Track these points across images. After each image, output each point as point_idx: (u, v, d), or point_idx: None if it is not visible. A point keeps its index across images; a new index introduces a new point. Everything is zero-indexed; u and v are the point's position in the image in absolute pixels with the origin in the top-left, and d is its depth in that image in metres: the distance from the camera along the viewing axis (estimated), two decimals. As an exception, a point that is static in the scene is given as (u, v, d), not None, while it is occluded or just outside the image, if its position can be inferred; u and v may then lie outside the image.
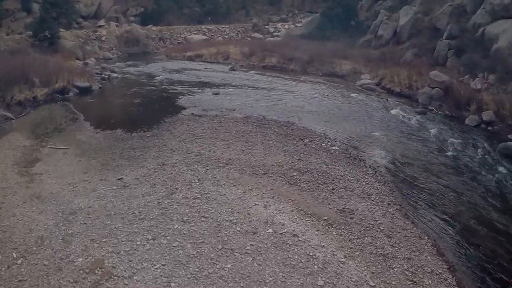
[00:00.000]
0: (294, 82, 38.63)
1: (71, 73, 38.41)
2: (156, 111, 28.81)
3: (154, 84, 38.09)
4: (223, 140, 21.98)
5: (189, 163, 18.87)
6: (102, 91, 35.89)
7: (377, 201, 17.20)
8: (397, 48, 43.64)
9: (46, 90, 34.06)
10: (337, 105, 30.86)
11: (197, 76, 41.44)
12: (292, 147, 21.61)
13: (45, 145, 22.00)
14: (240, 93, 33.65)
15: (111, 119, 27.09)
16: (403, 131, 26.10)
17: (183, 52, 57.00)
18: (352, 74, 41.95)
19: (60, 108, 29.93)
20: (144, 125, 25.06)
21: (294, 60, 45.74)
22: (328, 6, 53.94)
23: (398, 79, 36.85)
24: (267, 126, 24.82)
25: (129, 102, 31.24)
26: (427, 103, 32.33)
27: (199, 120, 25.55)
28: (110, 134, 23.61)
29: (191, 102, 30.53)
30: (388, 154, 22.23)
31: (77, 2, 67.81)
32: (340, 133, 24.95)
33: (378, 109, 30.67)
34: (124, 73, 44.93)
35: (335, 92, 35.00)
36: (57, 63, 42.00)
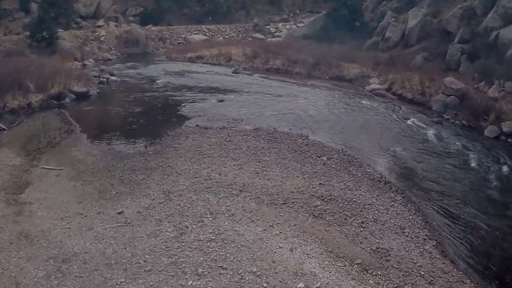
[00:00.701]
0: (301, 87, 35.94)
1: (68, 77, 35.62)
2: (158, 121, 26.05)
3: (154, 88, 35.29)
4: (234, 159, 19.26)
5: (198, 191, 16.14)
6: (100, 97, 33.13)
7: (411, 237, 14.71)
8: (406, 51, 40.97)
9: (41, 96, 31.40)
10: (349, 114, 28.25)
11: (199, 80, 38.63)
12: (310, 167, 18.93)
13: (37, 164, 19.23)
14: (245, 100, 30.92)
15: (110, 131, 24.37)
16: (423, 145, 23.52)
17: (183, 53, 54.08)
18: (360, 78, 39.33)
19: (55, 117, 27.13)
20: (146, 139, 22.44)
21: (299, 62, 42.98)
22: (333, 7, 50.98)
23: (410, 85, 34.26)
24: (280, 140, 22.12)
25: (129, 111, 28.46)
26: (442, 111, 29.79)
27: (205, 133, 22.81)
28: (108, 150, 20.89)
29: (194, 111, 27.76)
30: (412, 175, 19.77)
31: (76, 2, 64.73)
32: (358, 149, 22.35)
33: (393, 118, 28.04)
34: (123, 75, 42.08)
35: (345, 98, 32.33)
36: (54, 66, 39.19)
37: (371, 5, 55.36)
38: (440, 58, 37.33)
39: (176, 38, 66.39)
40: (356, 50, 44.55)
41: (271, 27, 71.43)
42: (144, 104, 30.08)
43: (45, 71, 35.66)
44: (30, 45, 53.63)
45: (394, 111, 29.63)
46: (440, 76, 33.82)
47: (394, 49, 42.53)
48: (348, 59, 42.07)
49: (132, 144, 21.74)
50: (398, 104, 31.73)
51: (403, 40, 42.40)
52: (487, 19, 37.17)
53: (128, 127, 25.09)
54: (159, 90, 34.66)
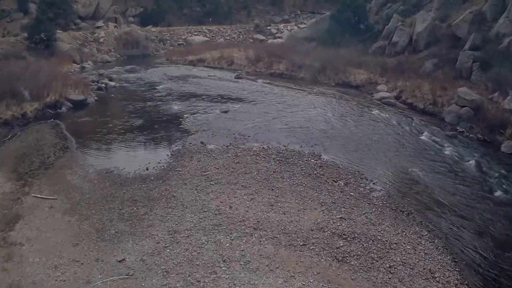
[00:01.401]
0: (307, 95, 33.96)
1: (64, 83, 33.63)
2: (159, 137, 24.07)
3: (154, 96, 33.25)
4: (245, 186, 17.29)
5: (207, 229, 14.18)
6: (97, 105, 31.14)
7: (443, 282, 12.92)
8: (414, 57, 39.00)
9: (37, 105, 29.53)
10: (361, 128, 26.32)
11: (201, 86, 36.60)
12: (328, 196, 16.99)
13: (29, 191, 17.23)
14: (250, 110, 28.94)
15: (107, 148, 22.48)
16: (440, 165, 21.62)
17: (184, 55, 51.92)
18: (367, 85, 37.34)
19: (50, 130, 25.14)
20: (146, 159, 20.32)
21: (304, 67, 40.90)
22: (338, 9, 48.77)
23: (420, 93, 32.40)
24: (291, 161, 20.18)
25: (127, 123, 26.43)
26: (455, 123, 27.97)
27: (211, 153, 20.84)
28: (106, 173, 18.86)
29: (198, 124, 25.77)
30: (434, 202, 17.88)
31: (75, 2, 62.38)
32: (374, 170, 20.46)
33: (406, 132, 26.14)
34: (122, 80, 39.99)
35: (354, 108, 30.42)
36: (50, 71, 37.15)
37: (375, 7, 53.19)
38: (450, 65, 35.40)
39: (177, 39, 64.21)
40: (362, 55, 42.50)
41: (272, 28, 69.32)
42: (144, 115, 28.06)
43: (41, 77, 33.69)
44: (28, 47, 51.55)
45: (406, 123, 27.72)
46: (451, 84, 32.10)
47: (402, 54, 40.49)
48: (355, 64, 40.05)
49: (132, 165, 19.69)
50: (409, 114, 29.83)
51: (410, 45, 40.38)
52: (498, 25, 35.31)
53: (128, 143, 23.06)
54: (160, 98, 32.62)
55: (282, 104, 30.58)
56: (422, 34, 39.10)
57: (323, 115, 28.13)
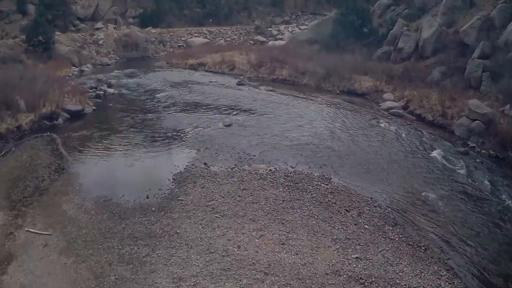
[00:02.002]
0: (312, 105, 32.60)
1: (61, 92, 32.29)
2: (159, 156, 22.58)
3: (154, 106, 31.77)
4: (253, 220, 15.95)
5: (215, 275, 12.84)
6: (95, 116, 29.70)
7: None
8: (420, 64, 37.57)
9: (32, 117, 28.14)
10: (369, 143, 24.97)
11: (202, 94, 35.19)
12: (342, 230, 15.69)
13: (22, 223, 15.87)
14: (255, 123, 27.53)
15: (105, 169, 20.99)
16: (455, 187, 20.19)
17: (184, 59, 50.48)
18: (373, 93, 36.02)
19: (45, 146, 23.67)
20: (146, 183, 18.89)
21: (308, 73, 39.50)
22: (341, 13, 47.24)
23: (429, 104, 31.02)
24: (301, 186, 18.85)
25: (126, 139, 24.93)
26: (466, 137, 26.60)
27: (215, 177, 19.44)
28: (104, 201, 17.45)
29: (200, 140, 24.36)
30: (450, 233, 16.48)
31: (74, 3, 60.76)
32: (386, 195, 19.10)
33: (417, 148, 24.78)
34: (121, 86, 38.60)
35: (361, 121, 29.04)
36: (47, 78, 35.82)
37: (379, 10, 51.67)
38: (459, 73, 34.02)
39: (177, 41, 62.77)
40: (367, 60, 41.07)
41: (273, 29, 67.94)
42: (144, 129, 26.62)
43: (37, 85, 32.38)
44: (26, 50, 50.13)
45: (416, 138, 26.36)
46: (460, 94, 30.81)
47: (408, 61, 39.09)
48: (360, 70, 38.66)
49: (131, 190, 18.26)
50: (418, 127, 28.48)
51: (417, 51, 38.95)
52: (507, 32, 33.86)
53: (126, 163, 21.56)
54: (160, 108, 31.22)
55: (287, 116, 29.22)
56: (429, 40, 37.65)
57: (330, 129, 26.74)
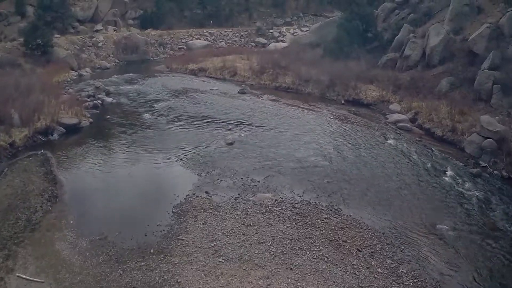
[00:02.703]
0: (317, 118, 30.59)
1: (57, 101, 30.59)
2: (158, 182, 20.63)
3: (153, 120, 29.62)
4: (259, 265, 14.09)
5: None
6: (91, 131, 27.67)
7: None
8: (428, 72, 35.56)
9: (26, 132, 26.25)
10: (378, 165, 23.07)
11: (203, 105, 33.16)
12: (354, 276, 13.94)
13: (13, 266, 14.05)
14: (258, 141, 25.52)
15: (100, 197, 19.07)
16: (468, 217, 18.52)
17: (185, 63, 48.33)
18: (379, 103, 34.08)
19: (38, 168, 21.80)
20: (144, 217, 17.02)
21: (312, 81, 37.46)
22: (345, 18, 45.05)
23: (438, 118, 29.12)
24: (309, 221, 17.00)
25: (123, 160, 22.95)
26: (477, 155, 24.87)
27: (217, 210, 17.56)
28: (99, 240, 15.59)
29: (201, 162, 22.37)
30: (466, 278, 14.67)
31: (73, 5, 58.52)
32: (399, 229, 17.26)
33: (427, 170, 22.91)
34: (119, 95, 36.56)
35: (368, 137, 27.12)
36: (43, 87, 33.88)
37: (383, 14, 49.56)
38: (468, 84, 32.05)
39: (177, 43, 60.66)
40: (372, 67, 39.03)
41: (275, 31, 65.75)
42: (141, 147, 24.62)
43: (33, 95, 30.47)
44: (24, 54, 48.07)
45: (426, 157, 24.46)
46: (470, 108, 28.98)
47: (414, 69, 37.09)
48: (365, 78, 36.66)
49: (128, 225, 16.42)
50: (427, 143, 26.62)
51: (424, 59, 36.91)
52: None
53: (123, 191, 19.62)
54: (159, 121, 29.16)
55: (292, 132, 27.25)
56: (436, 48, 35.59)
57: (337, 148, 24.80)
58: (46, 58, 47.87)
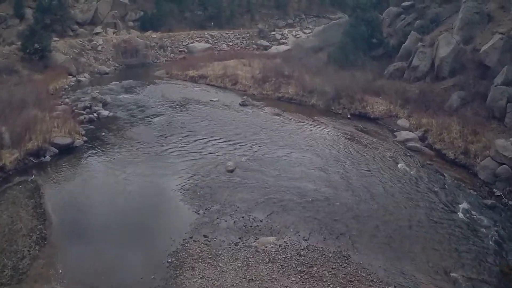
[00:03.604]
0: (323, 136, 28.46)
1: (51, 115, 28.73)
2: (153, 219, 18.57)
3: (150, 140, 27.12)
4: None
5: None
6: (85, 152, 25.52)
7: None
8: (437, 85, 33.42)
9: (17, 155, 24.13)
10: (388, 195, 20.97)
11: (203, 120, 30.98)
12: None
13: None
14: (261, 167, 23.16)
15: (92, 240, 16.97)
16: (484, 260, 16.49)
17: (185, 69, 46.17)
18: (387, 118, 31.95)
19: (28, 199, 19.68)
20: (137, 268, 15.07)
21: (316, 93, 35.30)
22: (350, 24, 42.65)
23: (449, 137, 26.82)
24: (316, 273, 15.00)
25: (116, 191, 20.82)
26: (491, 182, 22.65)
27: (216, 260, 15.52)
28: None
29: (199, 195, 20.15)
30: None
31: (72, 7, 56.27)
32: (410, 279, 15.27)
33: (439, 201, 20.71)
34: (117, 106, 34.58)
35: (377, 160, 25.05)
36: (37, 98, 31.94)
37: (388, 19, 47.21)
38: (480, 100, 29.79)
39: (178, 46, 58.46)
40: (378, 77, 36.86)
41: (277, 33, 63.51)
42: (135, 175, 22.47)
43: (25, 110, 28.49)
44: (22, 59, 46.02)
45: (438, 185, 22.39)
46: (483, 126, 26.71)
47: (423, 80, 34.90)
48: (371, 90, 34.46)
49: (120, 279, 14.50)
50: (439, 167, 24.46)
51: (432, 70, 34.71)
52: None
53: (117, 233, 17.59)
54: (156, 142, 26.75)
55: (297, 153, 25.23)
56: (446, 59, 33.37)
57: (345, 176, 22.72)
58: (44, 63, 45.99)
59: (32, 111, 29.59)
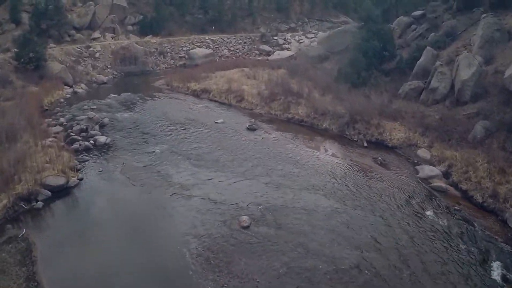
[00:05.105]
0: (341, 174, 25.07)
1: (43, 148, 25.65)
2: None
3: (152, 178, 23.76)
4: None
5: None
6: (80, 195, 22.21)
7: None
8: (458, 110, 30.12)
9: (6, 201, 20.88)
10: (419, 260, 17.72)
11: (209, 148, 27.74)
12: None
13: None
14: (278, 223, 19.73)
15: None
16: None
17: (186, 81, 42.66)
18: (406, 147, 28.65)
19: (18, 266, 16.52)
20: None
21: (329, 115, 31.94)
22: (362, 37, 38.95)
23: (475, 176, 23.57)
24: None
25: (111, 256, 17.66)
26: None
27: None
28: None
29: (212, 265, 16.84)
30: None
31: (69, 11, 52.27)
32: None
33: (475, 263, 17.56)
34: (115, 129, 31.25)
35: (404, 207, 21.87)
36: (29, 120, 28.73)
37: (398, 29, 43.80)
38: (505, 131, 26.51)
39: (178, 52, 54.70)
40: (393, 97, 33.51)
41: (279, 38, 59.73)
42: (136, 231, 19.21)
43: (15, 144, 25.17)
44: (16, 68, 42.42)
45: (469, 238, 19.20)
46: (510, 163, 23.45)
47: (442, 103, 31.57)
48: (388, 114, 31.07)
49: None
50: (467, 213, 21.26)
51: (452, 93, 31.36)
52: None
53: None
54: (158, 184, 23.26)
55: (315, 199, 21.97)
56: (468, 83, 30.03)
57: (372, 233, 19.40)
58: (39, 74, 42.60)
59: (23, 137, 26.35)
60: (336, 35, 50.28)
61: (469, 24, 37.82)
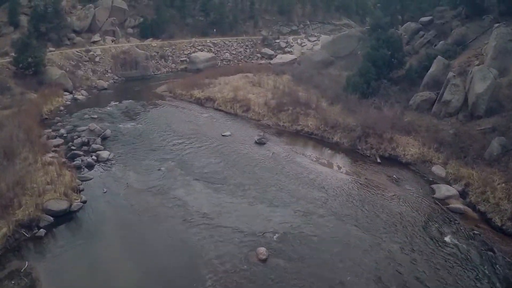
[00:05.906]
0: (356, 193, 23.78)
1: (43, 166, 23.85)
2: None
3: (158, 200, 22.27)
4: None
5: None
6: (84, 219, 20.63)
7: None
8: (472, 125, 28.78)
9: (6, 229, 19.14)
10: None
11: (217, 165, 26.22)
12: None
13: None
14: (297, 253, 18.58)
15: None
16: None
17: (190, 88, 40.99)
18: (420, 163, 27.27)
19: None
20: None
21: (339, 128, 30.47)
22: (371, 46, 37.38)
23: (493, 196, 22.36)
24: None
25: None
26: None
27: None
28: None
29: None
30: None
31: (69, 14, 50.34)
32: None
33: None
34: (118, 141, 29.55)
35: (422, 231, 20.63)
36: (28, 134, 27.08)
37: (406, 35, 42.33)
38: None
39: (179, 55, 52.97)
40: (405, 109, 32.10)
41: (281, 41, 58.03)
42: (142, 263, 17.74)
43: (13, 166, 23.50)
44: (15, 74, 40.60)
45: (490, 263, 18.27)
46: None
47: (455, 117, 30.20)
48: (400, 127, 29.66)
49: None
50: (486, 237, 20.13)
51: (466, 105, 29.96)
52: None
53: None
54: (167, 203, 22.01)
55: (332, 225, 20.65)
56: (483, 97, 28.69)
57: (393, 260, 18.35)
58: (38, 79, 40.85)
59: (22, 152, 24.72)
60: (341, 40, 48.79)
61: (480, 32, 36.50)
